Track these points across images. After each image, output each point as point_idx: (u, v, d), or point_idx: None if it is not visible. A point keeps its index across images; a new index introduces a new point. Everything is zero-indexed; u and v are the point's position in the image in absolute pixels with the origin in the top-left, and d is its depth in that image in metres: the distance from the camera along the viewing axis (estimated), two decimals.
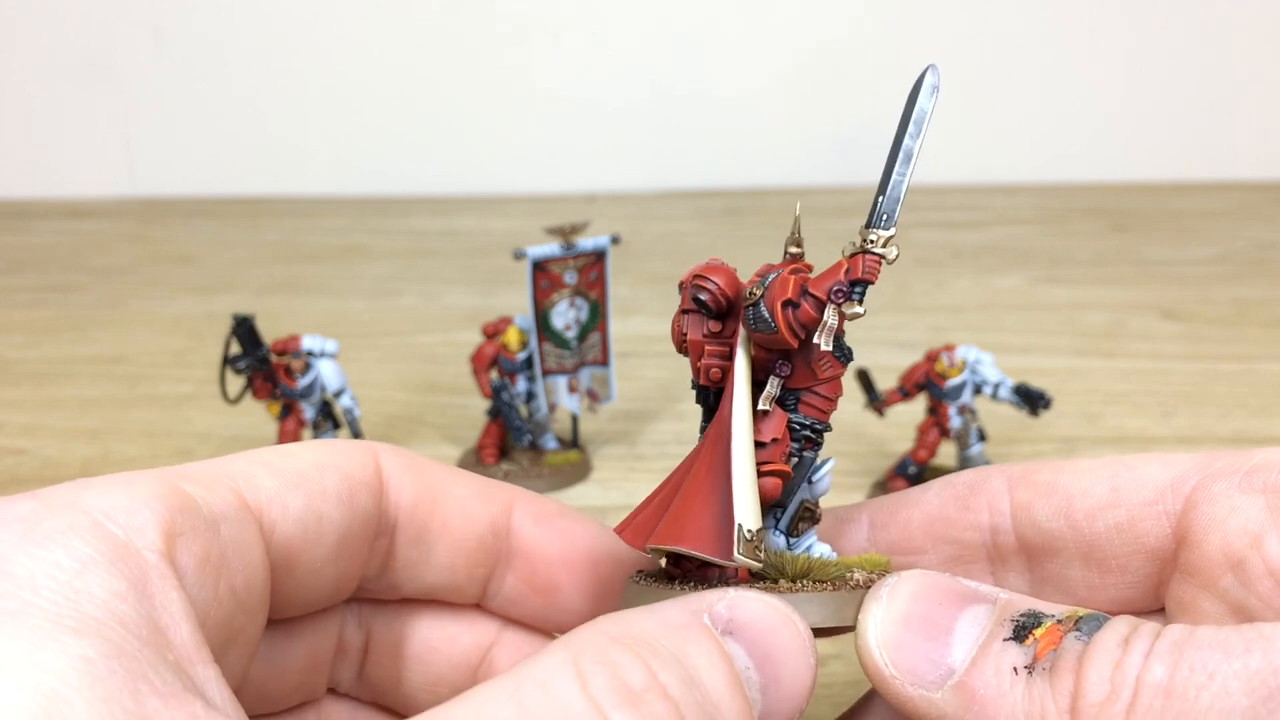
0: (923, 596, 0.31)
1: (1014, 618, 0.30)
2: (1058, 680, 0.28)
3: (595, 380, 0.76)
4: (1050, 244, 1.23)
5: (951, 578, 0.32)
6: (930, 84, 0.35)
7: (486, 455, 0.75)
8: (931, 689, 0.30)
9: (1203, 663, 0.26)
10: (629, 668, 0.26)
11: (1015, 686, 0.28)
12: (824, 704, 0.51)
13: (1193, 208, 1.35)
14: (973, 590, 0.31)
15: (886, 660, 0.30)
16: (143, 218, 1.37)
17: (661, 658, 0.27)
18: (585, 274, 0.73)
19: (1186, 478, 0.34)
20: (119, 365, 0.94)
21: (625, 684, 0.26)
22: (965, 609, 0.31)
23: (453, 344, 0.95)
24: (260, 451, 0.32)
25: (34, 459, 0.78)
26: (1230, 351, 0.93)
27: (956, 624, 0.30)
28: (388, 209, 1.39)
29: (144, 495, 0.27)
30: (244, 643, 0.30)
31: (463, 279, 1.14)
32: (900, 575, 0.32)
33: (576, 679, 0.25)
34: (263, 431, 0.77)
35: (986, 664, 0.29)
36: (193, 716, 0.23)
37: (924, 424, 0.70)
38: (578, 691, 0.25)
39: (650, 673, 0.26)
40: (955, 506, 0.38)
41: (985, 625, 0.30)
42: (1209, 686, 0.26)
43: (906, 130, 0.35)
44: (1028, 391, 0.68)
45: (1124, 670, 0.27)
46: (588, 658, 0.26)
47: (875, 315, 1.04)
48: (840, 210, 1.36)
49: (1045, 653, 0.28)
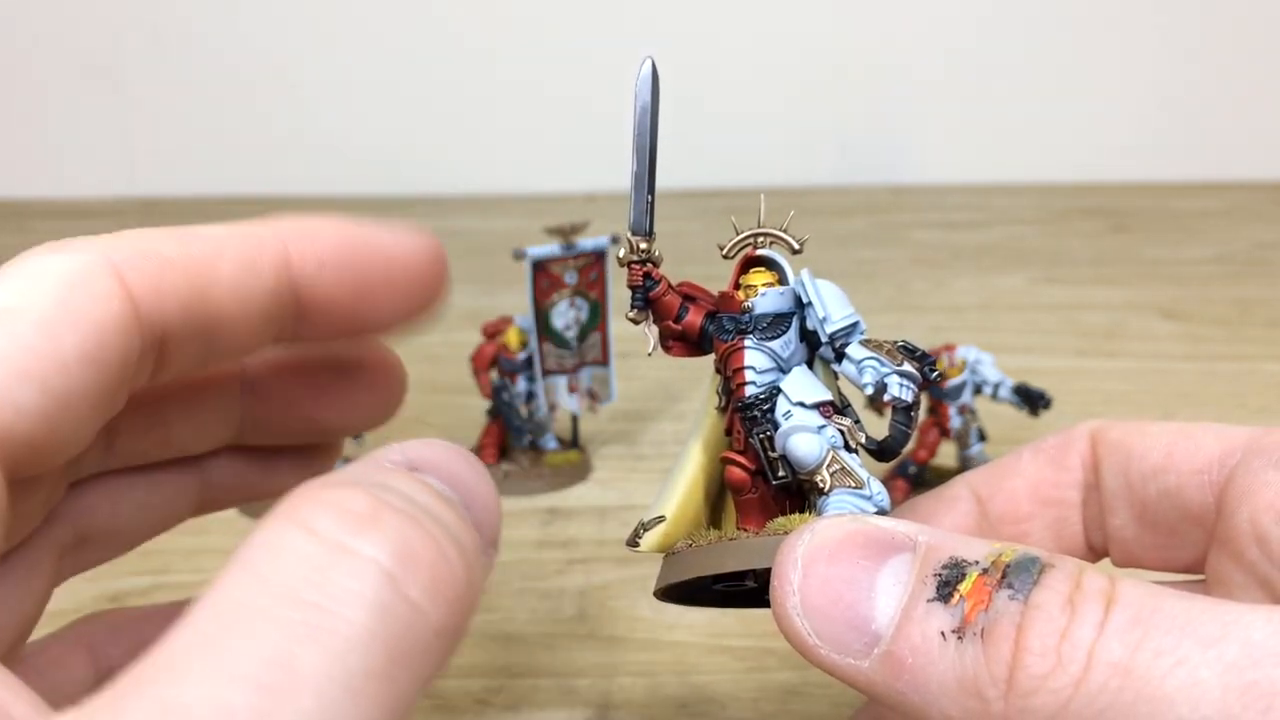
0: (839, 554, 0.29)
1: (936, 571, 0.28)
2: (993, 648, 0.26)
3: (595, 380, 0.76)
4: (1050, 244, 1.23)
5: (866, 522, 0.30)
6: (643, 75, 0.35)
7: (486, 455, 0.75)
8: (859, 657, 0.28)
9: (1171, 646, 0.24)
10: (349, 499, 0.24)
11: (945, 654, 0.26)
12: (823, 703, 0.51)
13: (1193, 208, 1.35)
14: (890, 536, 0.29)
15: (809, 629, 0.29)
16: (143, 218, 1.37)
17: (375, 485, 0.25)
18: (585, 274, 0.73)
19: (1235, 450, 0.34)
20: None
21: (352, 512, 0.24)
22: (886, 561, 0.29)
23: (453, 344, 0.95)
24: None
25: None
26: (1230, 351, 0.93)
27: (878, 581, 0.28)
28: (388, 209, 1.39)
29: None
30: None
31: (463, 279, 1.13)
32: (813, 530, 0.30)
33: (302, 530, 0.23)
34: None
35: (912, 629, 0.27)
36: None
37: (924, 424, 0.70)
38: (307, 539, 0.23)
39: (373, 495, 0.24)
40: (1053, 468, 0.38)
41: (907, 581, 0.28)
42: (1176, 673, 0.24)
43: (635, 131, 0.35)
44: (1028, 391, 0.68)
45: (1072, 640, 0.25)
46: (303, 509, 0.24)
47: (875, 315, 1.04)
48: (840, 210, 1.36)
49: (975, 614, 0.26)
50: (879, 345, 0.35)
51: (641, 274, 0.36)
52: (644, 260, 0.36)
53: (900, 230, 1.28)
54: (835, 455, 0.34)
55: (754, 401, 0.35)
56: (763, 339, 0.35)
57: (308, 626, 0.21)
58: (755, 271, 0.37)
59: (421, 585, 0.23)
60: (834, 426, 0.35)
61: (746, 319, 0.35)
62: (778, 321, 0.35)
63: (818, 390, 0.35)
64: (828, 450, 0.34)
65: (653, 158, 0.35)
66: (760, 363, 0.35)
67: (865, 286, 1.07)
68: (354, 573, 0.23)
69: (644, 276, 0.36)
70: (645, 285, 0.36)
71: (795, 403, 0.34)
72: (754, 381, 0.35)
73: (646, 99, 0.34)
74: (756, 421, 0.35)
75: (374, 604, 0.22)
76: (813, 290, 0.35)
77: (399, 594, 0.23)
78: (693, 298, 0.37)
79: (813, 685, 0.53)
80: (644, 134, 0.35)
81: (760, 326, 0.35)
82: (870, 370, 0.34)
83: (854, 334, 0.35)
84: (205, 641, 0.21)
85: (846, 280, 0.37)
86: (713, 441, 0.37)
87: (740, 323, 0.35)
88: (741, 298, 0.36)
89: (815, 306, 0.35)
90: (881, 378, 0.34)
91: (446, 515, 0.26)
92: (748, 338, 0.35)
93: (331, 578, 0.22)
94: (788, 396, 0.35)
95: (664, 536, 0.36)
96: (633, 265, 0.36)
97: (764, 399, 0.35)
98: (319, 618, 0.22)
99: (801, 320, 0.36)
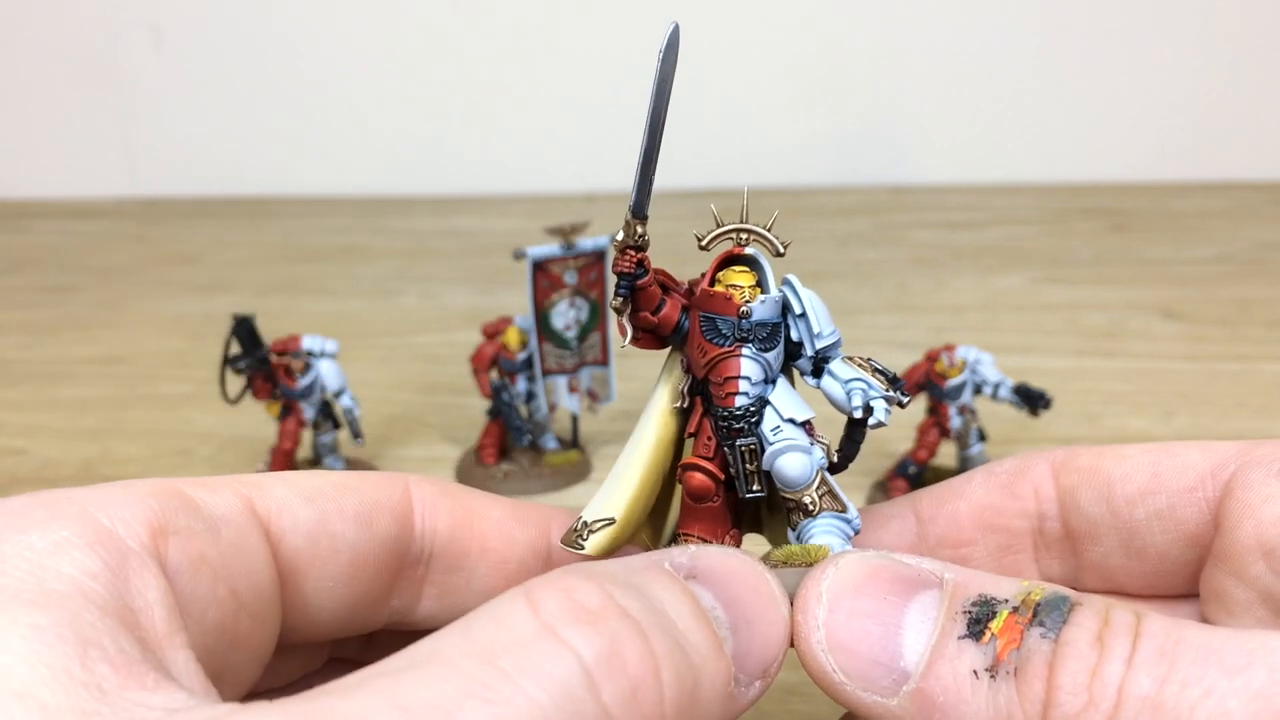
0: (865, 589, 0.29)
1: (965, 609, 0.27)
2: (1025, 686, 0.26)
3: (595, 380, 0.76)
4: (1050, 244, 1.23)
5: (892, 559, 0.29)
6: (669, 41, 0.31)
7: (486, 455, 0.75)
8: (886, 695, 0.27)
9: (1197, 677, 0.24)
10: (585, 592, 0.25)
11: (977, 693, 0.26)
12: (823, 703, 0.51)
13: (1193, 208, 1.35)
14: (915, 573, 0.29)
15: (834, 666, 0.28)
16: (143, 218, 1.37)
17: (621, 586, 0.25)
18: (585, 274, 0.73)
19: (1226, 464, 0.33)
20: (119, 365, 0.94)
21: (580, 605, 0.24)
22: (913, 598, 0.28)
23: (453, 344, 0.95)
24: (288, 472, 0.32)
25: (34, 459, 0.78)
26: (1230, 351, 0.93)
27: (905, 617, 0.28)
28: (388, 209, 1.39)
29: (140, 493, 0.27)
30: (252, 648, 0.29)
31: (463, 279, 1.14)
32: (836, 565, 0.29)
33: (528, 606, 0.24)
34: (263, 432, 0.76)
35: (943, 668, 0.27)
36: (143, 685, 0.22)
37: (924, 424, 0.70)
38: (529, 616, 0.24)
39: (607, 595, 0.25)
40: (1002, 495, 0.37)
41: (936, 618, 0.28)
42: (1204, 703, 0.23)
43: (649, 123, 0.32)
44: (1028, 391, 0.68)
45: (1103, 678, 0.25)
46: (541, 588, 0.25)
47: (875, 315, 1.05)
48: (840, 210, 1.36)
49: (1007, 653, 0.26)
50: (860, 365, 0.34)
51: (635, 261, 0.34)
52: (640, 246, 0.34)
53: (900, 230, 1.28)
54: (823, 477, 0.34)
55: (743, 413, 0.34)
56: (760, 349, 0.34)
57: (486, 687, 0.22)
58: (739, 270, 0.35)
59: (618, 693, 0.23)
60: (820, 446, 0.34)
61: (746, 325, 0.34)
62: (774, 332, 0.34)
63: (803, 407, 0.34)
64: (817, 471, 0.34)
65: (661, 134, 0.32)
66: (755, 373, 0.34)
67: (865, 286, 1.07)
68: (553, 657, 0.23)
69: (637, 264, 0.34)
70: (636, 273, 0.34)
71: (785, 419, 0.34)
72: (746, 392, 0.34)
73: (671, 66, 0.32)
74: (741, 433, 0.34)
75: (560, 692, 0.22)
76: (806, 302, 0.34)
77: (591, 693, 0.23)
78: (667, 289, 0.35)
79: (812, 685, 0.53)
80: (661, 106, 0.32)
81: (759, 336, 0.34)
82: (858, 393, 0.33)
83: (835, 350, 0.34)
84: (392, 671, 0.22)
85: (846, 280, 0.36)
86: (667, 441, 0.36)
87: (740, 329, 0.34)
88: (735, 299, 0.34)
89: (810, 320, 0.34)
90: (869, 400, 0.33)
91: (695, 636, 0.26)
92: (746, 346, 0.34)
93: (530, 654, 0.23)
94: (778, 412, 0.34)
95: (611, 539, 0.34)
96: (628, 251, 0.33)
97: (753, 411, 0.34)
98: (500, 683, 0.22)
99: (786, 329, 0.35)
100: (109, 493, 0.26)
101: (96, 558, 0.24)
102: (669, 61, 0.32)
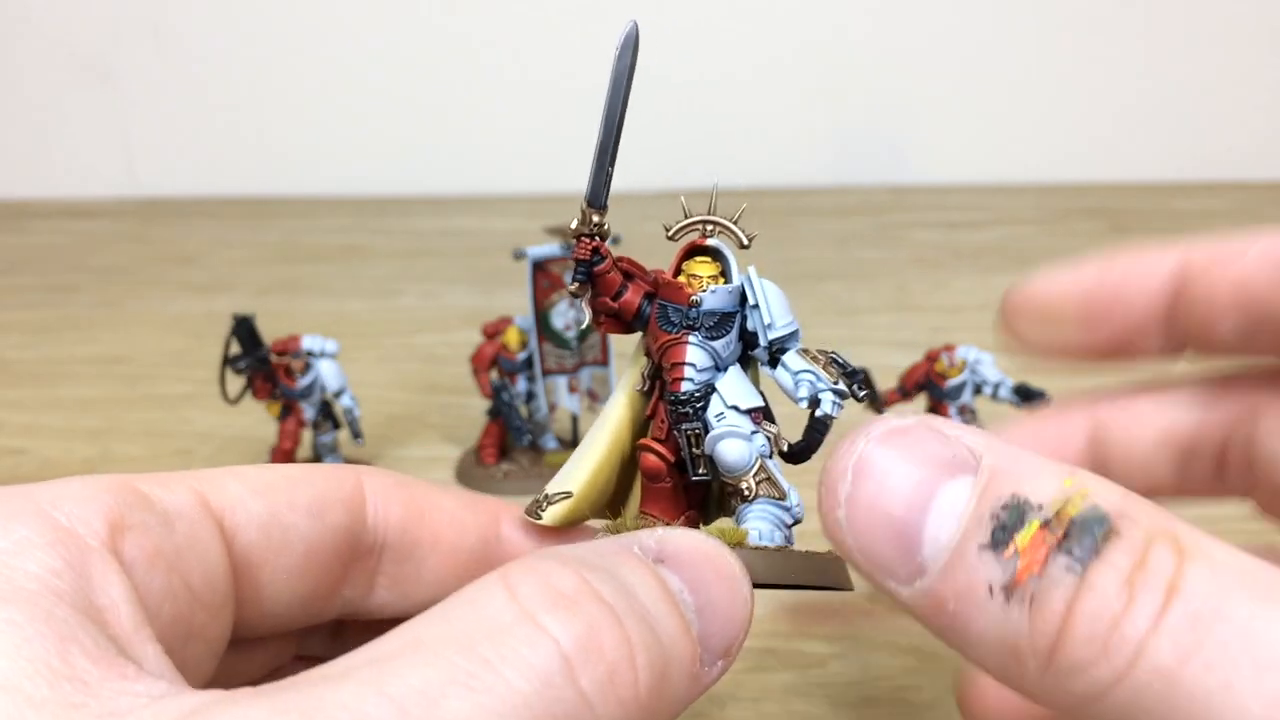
0: (894, 468, 0.27)
1: (994, 512, 0.25)
2: (1039, 619, 0.24)
3: (595, 380, 0.76)
4: (1050, 244, 1.23)
5: (929, 428, 0.28)
6: (626, 37, 0.34)
7: (486, 455, 0.75)
8: (901, 583, 0.26)
9: (1224, 663, 0.22)
10: (560, 575, 0.25)
11: (988, 609, 0.25)
12: (823, 703, 0.51)
13: (1193, 208, 1.35)
14: (952, 453, 0.27)
15: (854, 545, 0.27)
16: (143, 218, 1.37)
17: (594, 570, 0.26)
18: None
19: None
20: (119, 365, 0.94)
21: (556, 589, 0.25)
22: (944, 483, 0.26)
23: (453, 344, 0.95)
24: (241, 467, 0.32)
25: (34, 459, 0.78)
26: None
27: (931, 502, 0.26)
28: (388, 209, 1.39)
29: (95, 489, 0.27)
30: (208, 639, 0.30)
31: (463, 279, 1.14)
32: (867, 435, 0.28)
33: (504, 590, 0.24)
34: (263, 432, 0.77)
35: (959, 574, 0.25)
36: (124, 675, 0.23)
37: None
38: (506, 600, 0.24)
39: (582, 579, 0.25)
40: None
41: (962, 514, 0.26)
42: (1222, 696, 0.22)
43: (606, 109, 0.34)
44: (1028, 391, 0.68)
45: (1123, 633, 0.23)
46: (516, 572, 0.25)
47: (875, 315, 1.05)
48: (840, 210, 1.36)
49: (1026, 576, 0.24)
50: (815, 358, 0.35)
51: (590, 248, 0.35)
52: (594, 234, 0.35)
53: (900, 230, 1.28)
54: (763, 464, 0.34)
55: (688, 398, 0.35)
56: (707, 337, 0.35)
57: (468, 675, 0.22)
58: (700, 261, 0.36)
59: (595, 679, 0.24)
60: (764, 434, 0.35)
61: (694, 314, 0.35)
62: (724, 321, 0.35)
63: (751, 395, 0.35)
64: (756, 458, 0.34)
65: (619, 129, 0.34)
66: (701, 360, 0.35)
67: (865, 286, 1.07)
68: (532, 643, 0.23)
69: (592, 251, 0.35)
70: (592, 260, 0.36)
71: (730, 405, 0.35)
72: (691, 378, 0.35)
73: (626, 64, 0.33)
74: (687, 417, 0.35)
75: (540, 679, 0.23)
76: (760, 293, 0.35)
77: (570, 679, 0.23)
78: (631, 275, 0.36)
79: (813, 685, 0.53)
80: (616, 103, 0.34)
81: (707, 325, 0.35)
82: (806, 385, 0.34)
83: (792, 341, 0.35)
84: (376, 660, 0.23)
85: (846, 280, 0.37)
86: (629, 422, 0.37)
87: (688, 317, 0.35)
88: (688, 288, 0.35)
89: (762, 311, 0.35)
90: (816, 393, 0.34)
91: (665, 620, 0.26)
92: (692, 334, 0.35)
93: (510, 641, 0.23)
94: (723, 398, 0.35)
95: (569, 512, 0.36)
96: (582, 238, 0.35)
97: (698, 396, 0.35)
98: (482, 671, 0.23)
99: (743, 319, 0.36)
100: (64, 489, 0.27)
101: (58, 556, 0.25)
102: (624, 59, 0.33)
